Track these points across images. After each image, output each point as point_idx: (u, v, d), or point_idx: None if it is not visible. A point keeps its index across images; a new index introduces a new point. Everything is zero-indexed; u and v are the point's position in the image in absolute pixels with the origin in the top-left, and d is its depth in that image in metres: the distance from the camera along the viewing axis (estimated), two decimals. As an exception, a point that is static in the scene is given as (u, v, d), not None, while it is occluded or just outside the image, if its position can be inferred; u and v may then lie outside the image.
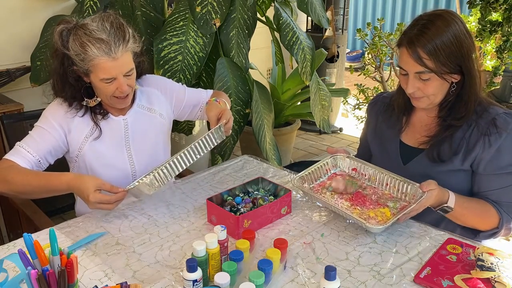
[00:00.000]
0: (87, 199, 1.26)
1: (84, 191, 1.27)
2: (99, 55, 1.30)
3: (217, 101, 1.55)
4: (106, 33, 1.31)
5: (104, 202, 1.27)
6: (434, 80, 1.26)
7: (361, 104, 3.51)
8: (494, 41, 2.96)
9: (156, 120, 1.58)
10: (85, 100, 1.44)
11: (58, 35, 1.35)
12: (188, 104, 1.68)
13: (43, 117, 1.44)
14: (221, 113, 1.47)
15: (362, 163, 1.41)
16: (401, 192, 1.31)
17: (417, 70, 1.25)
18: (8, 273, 1.05)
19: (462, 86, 1.29)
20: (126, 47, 1.35)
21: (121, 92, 1.38)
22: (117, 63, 1.33)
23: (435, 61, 1.23)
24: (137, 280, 1.08)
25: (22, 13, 2.67)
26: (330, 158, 1.45)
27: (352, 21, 6.77)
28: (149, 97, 1.58)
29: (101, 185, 1.28)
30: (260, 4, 2.78)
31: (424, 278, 1.06)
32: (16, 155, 1.37)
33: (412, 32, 1.26)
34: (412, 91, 1.30)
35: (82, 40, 1.31)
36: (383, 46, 3.24)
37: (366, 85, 3.52)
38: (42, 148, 1.40)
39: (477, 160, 1.29)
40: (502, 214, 1.28)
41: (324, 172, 1.44)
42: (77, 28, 1.33)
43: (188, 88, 1.70)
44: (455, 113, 1.31)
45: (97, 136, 1.46)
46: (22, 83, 2.65)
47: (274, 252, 1.06)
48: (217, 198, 1.35)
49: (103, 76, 1.34)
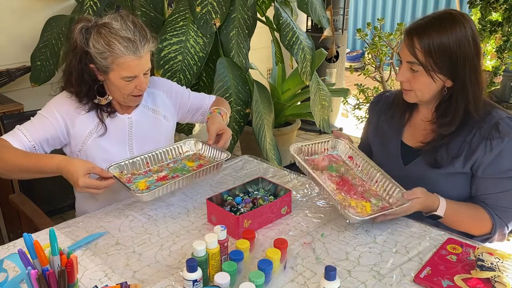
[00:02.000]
0: (76, 182, 1.25)
1: (74, 173, 1.26)
2: (126, 53, 1.33)
3: (221, 114, 1.59)
4: (131, 32, 1.34)
5: (93, 187, 1.27)
6: (422, 75, 1.26)
7: (361, 104, 3.51)
8: (494, 41, 2.96)
9: (160, 122, 1.60)
10: (98, 99, 1.45)
11: (78, 32, 1.36)
12: (191, 108, 1.71)
13: (47, 106, 1.46)
14: (222, 131, 1.51)
15: (359, 154, 1.42)
16: (387, 193, 1.31)
17: (408, 60, 1.26)
18: (8, 273, 1.05)
19: (453, 91, 1.28)
20: (149, 46, 1.38)
21: (139, 90, 1.42)
22: (141, 62, 1.37)
23: (427, 56, 1.23)
24: (137, 280, 1.08)
25: (22, 13, 2.67)
26: (333, 140, 1.46)
27: (352, 21, 6.76)
28: (154, 98, 1.60)
29: (92, 168, 1.28)
30: (260, 4, 2.78)
31: (424, 278, 1.06)
32: (13, 137, 1.38)
33: (418, 22, 1.27)
34: (401, 79, 1.30)
35: (108, 39, 1.32)
36: (383, 46, 3.24)
37: (366, 85, 3.53)
38: (39, 135, 1.41)
39: (477, 163, 1.28)
40: (496, 220, 1.28)
41: (322, 150, 1.46)
42: (99, 27, 1.35)
43: (192, 92, 1.73)
44: (442, 118, 1.30)
45: (102, 133, 1.48)
46: (22, 83, 2.65)
47: (274, 252, 1.06)
48: (217, 198, 1.35)
49: (126, 74, 1.36)
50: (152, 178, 1.42)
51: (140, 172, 1.45)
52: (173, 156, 1.53)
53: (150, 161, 1.48)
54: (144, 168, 1.47)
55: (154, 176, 1.43)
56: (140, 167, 1.46)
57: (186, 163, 1.51)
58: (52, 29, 2.53)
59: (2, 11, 2.60)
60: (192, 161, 1.52)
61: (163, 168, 1.48)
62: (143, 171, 1.46)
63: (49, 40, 2.50)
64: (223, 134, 1.51)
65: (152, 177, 1.42)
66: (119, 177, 1.38)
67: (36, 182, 1.73)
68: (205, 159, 1.53)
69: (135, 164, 1.45)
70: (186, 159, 1.54)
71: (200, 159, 1.53)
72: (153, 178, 1.41)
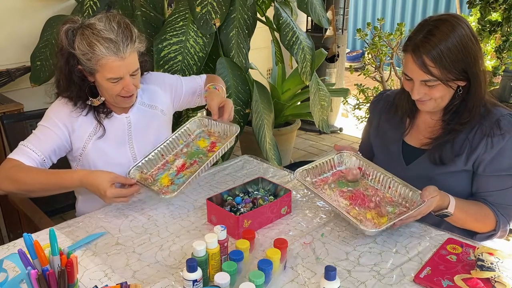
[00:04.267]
0: (104, 195, 1.28)
1: (99, 186, 1.28)
2: (107, 54, 1.32)
3: (216, 89, 1.59)
4: (114, 32, 1.33)
5: (121, 196, 1.30)
6: (440, 86, 1.25)
7: (361, 104, 3.51)
8: (493, 41, 2.96)
9: (157, 117, 1.60)
10: (90, 100, 1.45)
11: (64, 34, 1.35)
12: (187, 94, 1.71)
13: (47, 116, 1.45)
14: (223, 103, 1.51)
15: (368, 163, 1.39)
16: (402, 198, 1.29)
17: (423, 78, 1.24)
18: (8, 273, 1.05)
19: (468, 90, 1.27)
20: (133, 47, 1.37)
21: (127, 92, 1.41)
22: (125, 63, 1.35)
23: (441, 68, 1.21)
24: (137, 280, 1.08)
25: (22, 13, 2.67)
26: (337, 154, 1.44)
27: (352, 21, 6.76)
28: (150, 94, 1.60)
29: (115, 178, 1.30)
30: (260, 4, 2.78)
31: (424, 278, 1.06)
32: (21, 154, 1.37)
33: (417, 38, 1.24)
34: (418, 97, 1.28)
35: (90, 40, 1.32)
36: (383, 46, 3.24)
37: (366, 85, 3.52)
38: (46, 147, 1.40)
39: (478, 161, 1.28)
40: (499, 217, 1.28)
41: (329, 168, 1.43)
42: (83, 28, 1.34)
43: (183, 78, 1.73)
44: (459, 118, 1.30)
45: (101, 135, 1.48)
46: (22, 83, 2.65)
47: (274, 252, 1.06)
48: (217, 198, 1.35)
49: (110, 76, 1.35)
50: (172, 170, 1.44)
51: (159, 166, 1.47)
52: (184, 140, 1.54)
53: (165, 152, 1.50)
54: (161, 161, 1.48)
55: (173, 167, 1.45)
56: (157, 161, 1.48)
57: (198, 144, 1.52)
58: (52, 29, 2.53)
59: (2, 11, 2.60)
60: (204, 140, 1.53)
61: (179, 155, 1.49)
62: (161, 164, 1.47)
63: (49, 40, 2.50)
64: (224, 106, 1.51)
65: (171, 169, 1.44)
66: (142, 179, 1.40)
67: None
68: (215, 134, 1.54)
69: (152, 160, 1.47)
70: (198, 139, 1.54)
71: (211, 136, 1.54)
72: (173, 170, 1.44)
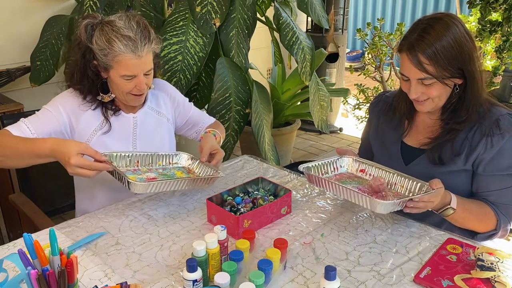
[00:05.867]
0: (68, 161, 1.21)
1: (66, 153, 1.22)
2: (125, 51, 1.34)
3: (215, 136, 1.59)
4: (133, 31, 1.35)
5: (85, 167, 1.23)
6: (436, 84, 1.25)
7: (361, 104, 3.51)
8: (494, 41, 2.96)
9: (163, 123, 1.62)
10: (100, 95, 1.46)
11: (83, 28, 1.38)
12: (189, 122, 1.72)
13: (53, 101, 1.46)
14: (216, 151, 1.49)
15: (369, 164, 1.39)
16: (410, 192, 1.27)
17: (419, 77, 1.24)
18: (8, 273, 1.05)
19: (465, 89, 1.28)
20: (150, 47, 1.39)
21: (138, 90, 1.42)
22: (140, 61, 1.37)
23: (436, 66, 1.21)
24: (137, 280, 1.08)
25: (22, 13, 2.67)
26: (339, 158, 1.44)
27: (352, 21, 6.77)
28: (158, 100, 1.62)
29: (85, 149, 1.24)
30: (260, 4, 2.78)
31: (424, 278, 1.06)
32: (16, 128, 1.38)
33: (412, 37, 1.24)
34: (415, 97, 1.28)
35: (109, 36, 1.34)
36: (383, 46, 3.24)
37: (366, 85, 3.52)
38: (42, 128, 1.40)
39: (478, 160, 1.29)
40: (500, 216, 1.28)
41: (332, 169, 1.43)
42: (103, 24, 1.37)
43: (193, 106, 1.74)
44: (457, 117, 1.30)
45: (106, 131, 1.49)
46: (22, 83, 2.65)
47: (274, 252, 1.06)
48: (217, 198, 1.35)
49: (124, 73, 1.37)
50: (142, 176, 1.39)
51: (129, 169, 1.43)
52: (163, 164, 1.51)
53: (140, 160, 1.46)
54: (133, 166, 1.45)
55: (143, 175, 1.40)
56: (130, 163, 1.44)
57: (175, 172, 1.48)
58: (52, 29, 2.53)
59: (2, 11, 2.60)
60: (181, 173, 1.48)
61: (152, 170, 1.46)
62: (132, 169, 1.43)
63: (49, 40, 2.50)
64: (216, 154, 1.49)
65: (141, 175, 1.40)
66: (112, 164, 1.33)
67: (36, 182, 1.73)
68: (194, 174, 1.49)
69: (125, 158, 1.43)
70: (176, 169, 1.50)
71: (190, 173, 1.49)
72: (143, 177, 1.39)
